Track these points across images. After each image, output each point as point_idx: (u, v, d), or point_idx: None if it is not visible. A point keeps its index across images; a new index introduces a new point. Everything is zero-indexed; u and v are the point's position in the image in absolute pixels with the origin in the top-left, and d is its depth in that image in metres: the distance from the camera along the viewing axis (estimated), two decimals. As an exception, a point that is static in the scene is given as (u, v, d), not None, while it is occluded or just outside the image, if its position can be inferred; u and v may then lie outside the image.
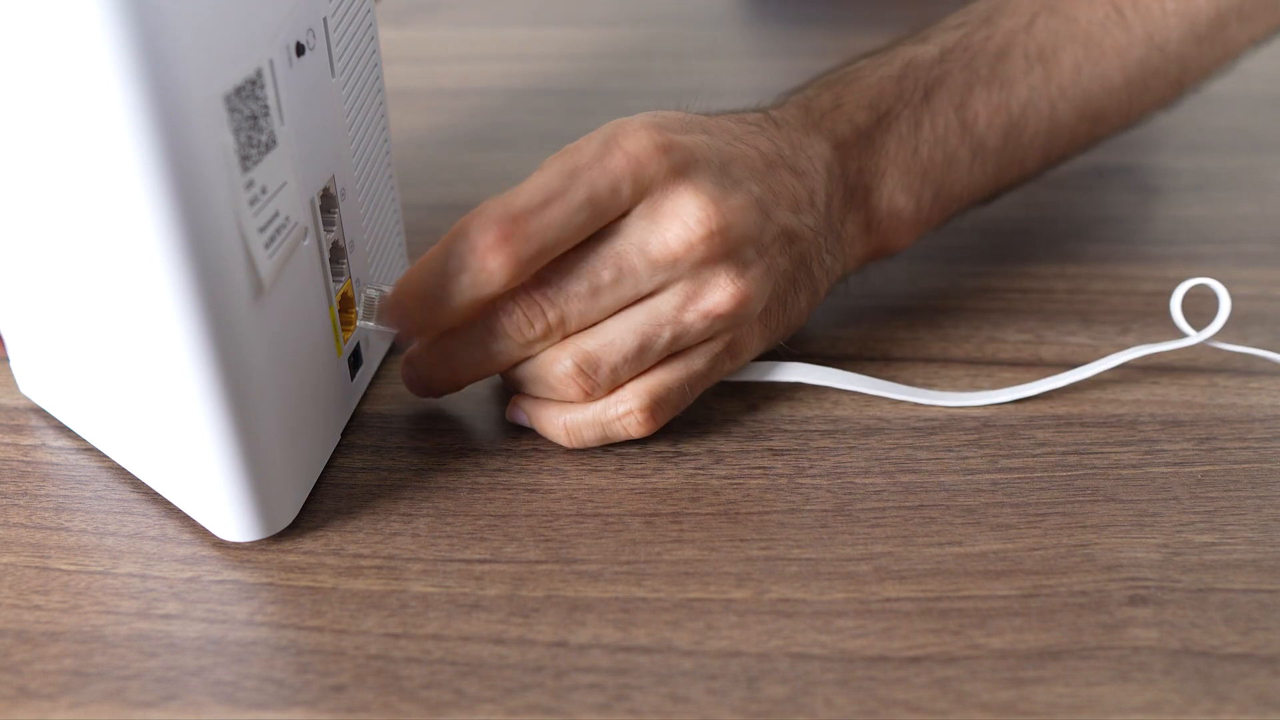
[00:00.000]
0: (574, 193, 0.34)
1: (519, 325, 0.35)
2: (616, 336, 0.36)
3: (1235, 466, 0.38)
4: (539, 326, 0.35)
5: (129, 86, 0.26)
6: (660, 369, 0.37)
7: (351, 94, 0.37)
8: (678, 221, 0.35)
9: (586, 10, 0.78)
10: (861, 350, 0.44)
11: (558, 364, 0.36)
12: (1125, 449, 0.39)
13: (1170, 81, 0.47)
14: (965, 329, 0.45)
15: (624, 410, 0.37)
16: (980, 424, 0.40)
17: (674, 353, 0.37)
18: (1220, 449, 0.39)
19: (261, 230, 0.31)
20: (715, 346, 0.37)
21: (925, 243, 0.50)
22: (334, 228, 0.36)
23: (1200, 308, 0.45)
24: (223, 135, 0.29)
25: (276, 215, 0.31)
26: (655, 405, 0.37)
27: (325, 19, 0.34)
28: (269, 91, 0.31)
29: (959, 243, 0.51)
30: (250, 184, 0.30)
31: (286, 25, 0.32)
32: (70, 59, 0.27)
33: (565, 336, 0.36)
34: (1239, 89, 0.65)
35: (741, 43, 0.74)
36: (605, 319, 0.36)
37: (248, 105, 0.30)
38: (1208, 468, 0.38)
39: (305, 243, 0.34)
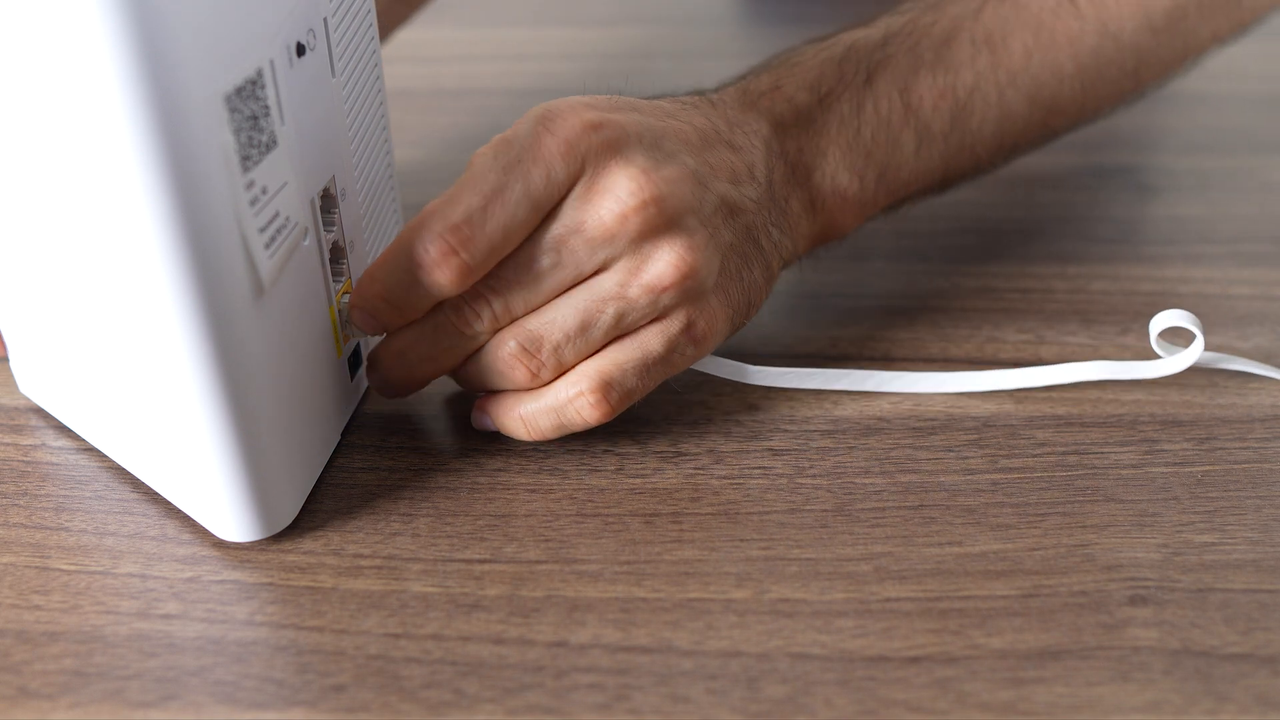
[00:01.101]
0: (510, 189, 0.34)
1: (466, 319, 0.36)
2: (558, 315, 0.35)
3: (1235, 466, 0.38)
4: (485, 318, 0.35)
5: (129, 86, 0.26)
6: (611, 349, 0.36)
7: (352, 94, 0.37)
8: (610, 196, 0.34)
9: (586, 10, 0.78)
10: (861, 350, 0.44)
11: (502, 346, 0.36)
12: (1125, 449, 0.39)
13: (1126, 73, 0.46)
14: (965, 329, 0.45)
15: (574, 393, 0.36)
16: (980, 424, 0.40)
17: (626, 334, 0.36)
18: (1220, 449, 0.39)
19: (262, 230, 0.31)
20: (670, 326, 0.36)
21: (925, 243, 0.50)
22: (334, 228, 0.36)
23: (1198, 307, 0.45)
24: (223, 135, 0.29)
25: (277, 215, 0.31)
26: (606, 386, 0.36)
27: (326, 19, 0.34)
28: (269, 92, 0.31)
29: (959, 243, 0.51)
30: (250, 184, 0.30)
31: (287, 25, 0.32)
32: (71, 59, 0.27)
33: (509, 323, 0.36)
34: (1239, 89, 0.65)
35: (741, 43, 0.74)
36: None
37: (248, 105, 0.30)
38: (1208, 468, 0.38)
39: (305, 243, 0.34)
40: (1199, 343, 0.39)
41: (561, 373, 0.37)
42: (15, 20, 0.27)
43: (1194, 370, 0.42)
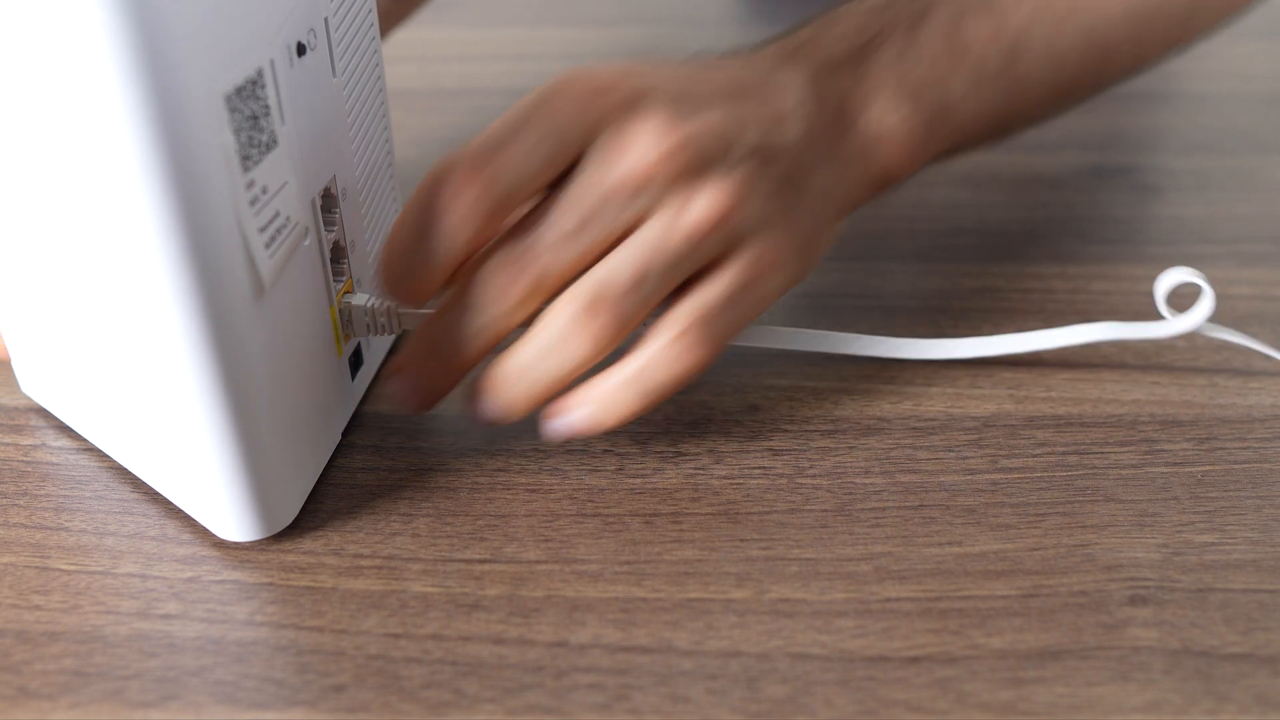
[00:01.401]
0: (530, 128, 0.33)
1: (501, 290, 0.34)
2: (608, 272, 0.34)
3: (1235, 466, 0.38)
4: (521, 284, 0.34)
5: (129, 86, 0.26)
6: (688, 296, 0.35)
7: (353, 94, 0.37)
8: (637, 146, 0.34)
9: (586, 10, 0.78)
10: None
11: (559, 315, 0.34)
12: (1125, 449, 0.39)
13: (1178, 18, 0.45)
14: (965, 329, 0.45)
15: (662, 343, 0.35)
16: (980, 424, 0.40)
17: (691, 283, 0.35)
18: (1220, 449, 0.39)
19: (262, 230, 0.31)
20: (731, 265, 0.35)
21: (925, 243, 0.50)
22: (335, 228, 0.36)
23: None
24: (223, 135, 0.29)
25: (277, 215, 0.31)
26: (698, 325, 0.35)
27: (326, 19, 0.34)
28: (270, 91, 0.31)
29: (959, 243, 0.51)
30: (251, 184, 0.30)
31: (287, 25, 0.32)
32: (70, 59, 0.27)
33: (550, 294, 0.35)
34: (1239, 89, 0.65)
35: (741, 43, 0.74)
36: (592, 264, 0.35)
37: (248, 105, 0.30)
38: (1208, 468, 0.38)
39: (306, 243, 0.34)
40: (1208, 296, 0.39)
41: (621, 335, 0.35)
42: (15, 19, 0.27)
43: (1194, 370, 0.42)
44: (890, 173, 0.41)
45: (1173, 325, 0.40)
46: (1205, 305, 0.39)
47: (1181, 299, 0.41)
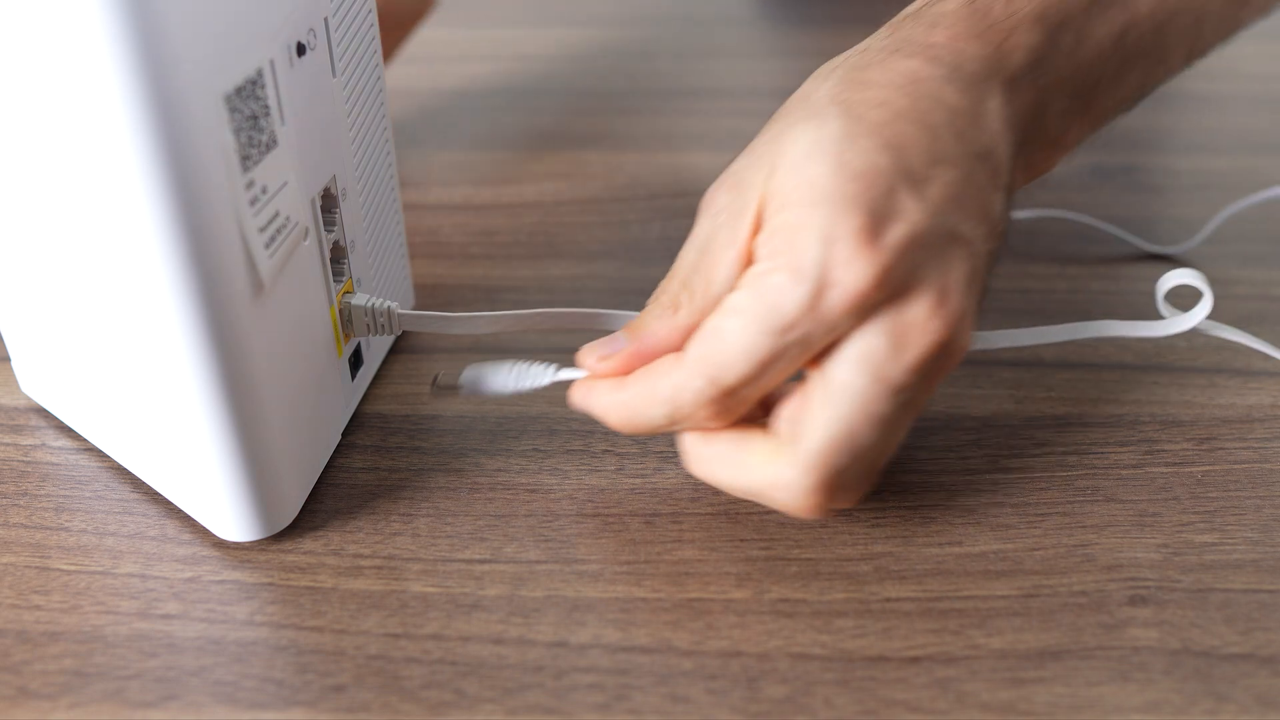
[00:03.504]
0: (788, 354, 0.30)
1: (820, 505, 0.32)
2: (855, 444, 0.31)
3: (1235, 466, 0.38)
4: (849, 497, 0.33)
5: (129, 86, 0.26)
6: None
7: (353, 94, 0.37)
8: (919, 334, 0.30)
9: (586, 10, 0.78)
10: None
11: (806, 483, 0.31)
12: (1125, 449, 0.39)
13: None
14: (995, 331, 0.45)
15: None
16: (980, 424, 0.40)
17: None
18: (1220, 449, 0.39)
19: (261, 230, 0.31)
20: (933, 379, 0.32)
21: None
22: (335, 228, 0.36)
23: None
24: (223, 135, 0.29)
25: (277, 215, 0.31)
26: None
27: (326, 19, 0.34)
28: (269, 91, 0.31)
29: (959, 243, 0.51)
30: (250, 184, 0.30)
31: (287, 25, 0.32)
32: (70, 59, 0.27)
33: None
34: (1239, 89, 0.65)
35: (742, 43, 0.74)
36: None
37: (248, 105, 0.30)
38: (1208, 468, 0.38)
39: (306, 243, 0.34)
40: (1207, 299, 0.39)
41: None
42: (14, 19, 0.27)
43: (1194, 370, 0.42)
44: (1041, 175, 0.39)
45: (1172, 324, 0.40)
46: (1205, 305, 0.39)
47: (1182, 299, 0.41)
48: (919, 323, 0.30)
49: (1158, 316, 0.40)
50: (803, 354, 0.31)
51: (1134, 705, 0.30)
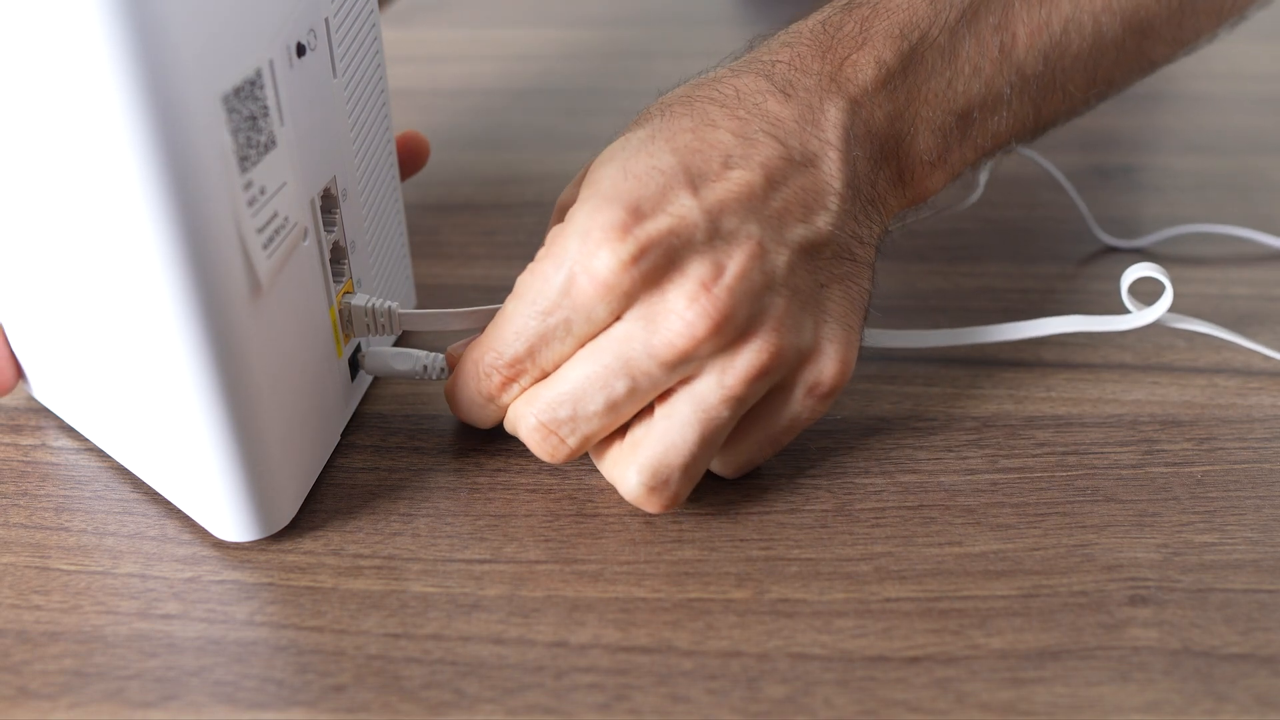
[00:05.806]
0: (555, 334, 0.33)
1: (551, 450, 0.35)
2: (676, 438, 0.33)
3: (1235, 466, 0.38)
4: (567, 448, 0.35)
5: (127, 86, 0.26)
6: (744, 435, 0.35)
7: (353, 95, 0.37)
8: (674, 321, 0.32)
9: (586, 10, 0.78)
10: (861, 350, 0.44)
11: (627, 484, 0.34)
12: (1125, 449, 0.39)
13: None
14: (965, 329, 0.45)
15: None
16: (980, 424, 0.40)
17: (752, 418, 0.35)
18: (1220, 449, 0.39)
19: (260, 230, 0.31)
20: (791, 394, 0.35)
21: (925, 243, 0.50)
22: (335, 228, 0.36)
23: (1199, 308, 0.45)
24: (221, 136, 0.29)
25: (275, 216, 0.31)
26: (742, 469, 0.37)
27: (327, 19, 0.34)
28: (268, 92, 0.31)
29: (959, 243, 0.51)
30: (249, 184, 0.30)
31: (287, 26, 0.32)
32: (68, 59, 0.27)
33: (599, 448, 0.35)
34: (1239, 89, 0.65)
35: (741, 43, 0.74)
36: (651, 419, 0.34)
37: (246, 106, 0.30)
38: (1208, 468, 0.38)
39: (305, 243, 0.34)
40: (1168, 293, 0.39)
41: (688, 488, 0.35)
42: (13, 20, 0.27)
43: (1194, 370, 0.42)
44: (924, 194, 0.40)
45: (1136, 318, 0.40)
46: (1166, 298, 0.39)
47: (1194, 302, 0.41)
48: (676, 309, 0.32)
49: (1129, 270, 0.40)
50: (568, 336, 0.33)
51: (1134, 705, 0.30)
